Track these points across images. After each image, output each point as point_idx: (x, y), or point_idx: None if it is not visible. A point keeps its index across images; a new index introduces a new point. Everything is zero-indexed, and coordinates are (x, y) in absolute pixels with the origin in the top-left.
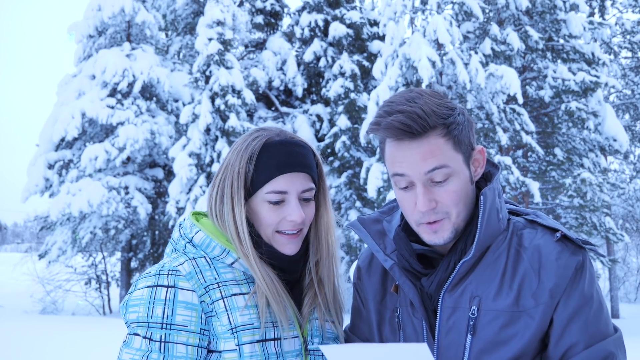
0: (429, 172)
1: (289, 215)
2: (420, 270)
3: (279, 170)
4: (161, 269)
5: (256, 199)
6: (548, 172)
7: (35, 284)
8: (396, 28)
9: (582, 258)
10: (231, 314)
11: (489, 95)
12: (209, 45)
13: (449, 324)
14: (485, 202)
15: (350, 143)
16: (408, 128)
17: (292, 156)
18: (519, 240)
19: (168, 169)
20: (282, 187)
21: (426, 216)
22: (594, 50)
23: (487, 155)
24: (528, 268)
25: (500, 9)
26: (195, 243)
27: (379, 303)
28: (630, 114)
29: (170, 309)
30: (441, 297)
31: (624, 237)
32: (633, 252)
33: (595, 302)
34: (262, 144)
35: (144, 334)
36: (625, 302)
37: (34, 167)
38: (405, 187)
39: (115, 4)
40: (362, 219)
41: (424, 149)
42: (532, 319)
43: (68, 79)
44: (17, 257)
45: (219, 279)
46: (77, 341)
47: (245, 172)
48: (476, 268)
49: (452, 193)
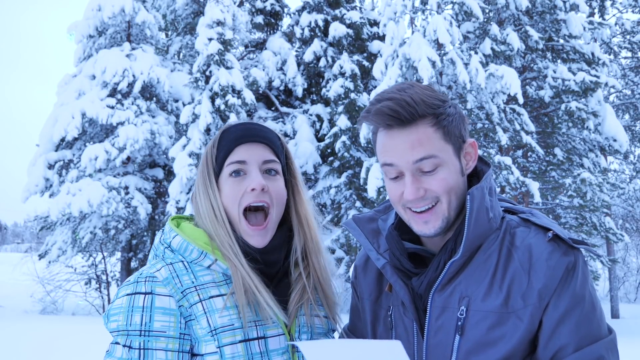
0: (418, 162)
1: (249, 184)
2: (411, 269)
3: (235, 142)
4: (139, 277)
5: (221, 178)
6: (548, 172)
7: (35, 284)
8: (396, 28)
9: (574, 258)
10: (210, 316)
11: (489, 95)
12: (209, 45)
13: (438, 324)
14: (473, 201)
15: (350, 143)
16: (396, 114)
17: (249, 130)
18: (511, 239)
19: (168, 169)
20: (240, 157)
21: (415, 203)
22: (594, 50)
23: (488, 157)
24: (518, 268)
25: (500, 9)
26: (173, 248)
27: (374, 302)
28: (630, 114)
29: (148, 315)
30: (431, 296)
31: (624, 237)
32: (633, 252)
33: (587, 304)
34: (225, 127)
35: (123, 342)
36: (625, 302)
37: (34, 167)
38: (395, 177)
39: (115, 4)
40: (357, 218)
41: (413, 138)
42: (521, 321)
43: (68, 79)
44: (17, 257)
45: (196, 282)
46: (77, 341)
47: (211, 156)
48: (466, 268)
49: (441, 180)
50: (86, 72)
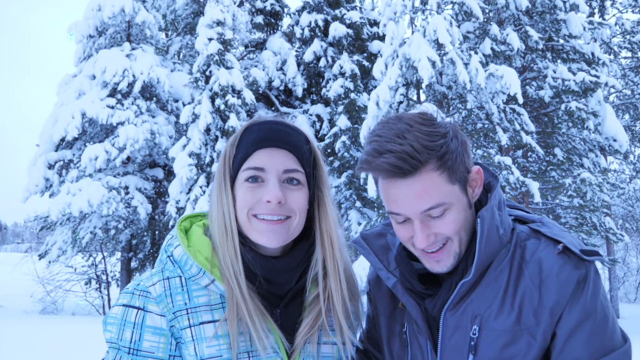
0: (426, 211)
1: (265, 195)
2: (422, 290)
3: (255, 145)
4: (136, 287)
5: (237, 182)
6: (548, 172)
7: (35, 284)
8: (396, 28)
9: (585, 271)
10: (197, 345)
11: (489, 95)
12: (209, 45)
13: (451, 344)
14: (483, 224)
15: (350, 143)
16: (399, 170)
17: (273, 132)
18: (522, 253)
19: (168, 169)
20: (258, 163)
21: (427, 247)
22: (594, 50)
23: (488, 157)
24: (529, 284)
25: (500, 9)
26: (174, 259)
27: (389, 317)
28: (630, 114)
29: (138, 333)
30: (443, 316)
31: (624, 237)
32: (633, 252)
33: (599, 315)
34: (248, 124)
35: (113, 356)
36: (625, 302)
37: (34, 167)
38: (403, 222)
39: (115, 4)
40: (365, 235)
41: (418, 187)
42: (534, 339)
43: (68, 79)
44: (17, 257)
45: (189, 304)
46: (77, 341)
47: (229, 157)
48: (477, 287)
49: (451, 224)
50: (86, 72)
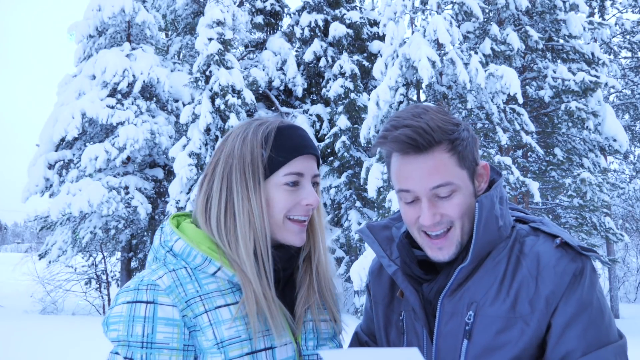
0: (435, 188)
1: (305, 198)
2: (421, 275)
3: (297, 152)
4: (140, 283)
5: (269, 183)
6: (548, 172)
7: (35, 284)
8: (396, 28)
9: (582, 264)
10: (216, 328)
11: (489, 95)
12: (209, 45)
13: (447, 329)
14: (481, 209)
15: (350, 143)
16: (414, 142)
17: (305, 139)
18: (520, 247)
19: (168, 169)
20: (300, 169)
21: (430, 228)
22: (594, 50)
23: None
24: (526, 274)
25: (500, 9)
26: (176, 252)
27: (387, 307)
28: (630, 114)
29: (150, 326)
30: (440, 302)
31: (624, 237)
32: (633, 252)
33: (595, 309)
34: (275, 127)
35: (124, 354)
36: (625, 302)
37: (34, 167)
38: (411, 202)
39: (115, 4)
40: (371, 226)
41: (429, 164)
42: (528, 326)
43: (68, 79)
44: (17, 257)
45: (201, 291)
46: (77, 341)
47: (260, 156)
48: (475, 274)
49: (457, 206)
50: (86, 72)
